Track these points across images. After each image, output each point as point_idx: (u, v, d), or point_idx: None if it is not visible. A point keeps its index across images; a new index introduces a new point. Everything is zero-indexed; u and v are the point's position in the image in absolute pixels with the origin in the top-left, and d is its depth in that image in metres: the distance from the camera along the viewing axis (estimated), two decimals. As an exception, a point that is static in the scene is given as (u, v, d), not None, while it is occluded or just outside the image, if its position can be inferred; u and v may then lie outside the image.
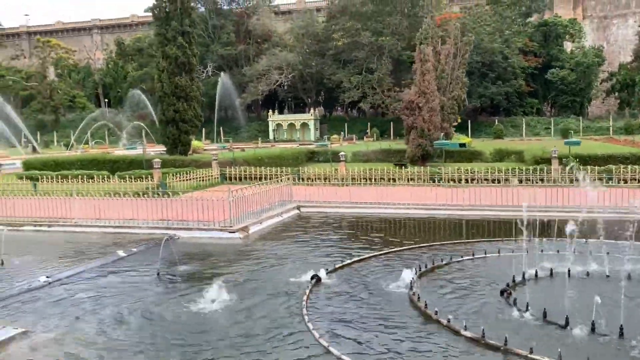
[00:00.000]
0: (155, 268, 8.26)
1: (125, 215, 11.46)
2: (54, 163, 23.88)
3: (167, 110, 26.56)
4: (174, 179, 16.18)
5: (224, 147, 32.77)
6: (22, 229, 11.42)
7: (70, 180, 17.60)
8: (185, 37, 26.74)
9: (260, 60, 69.44)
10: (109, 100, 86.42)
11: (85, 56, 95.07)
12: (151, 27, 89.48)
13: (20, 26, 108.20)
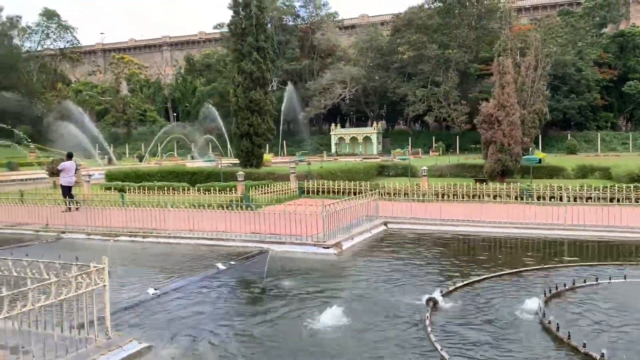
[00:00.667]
0: (257, 282, 8.16)
1: (216, 228, 11.51)
2: (134, 174, 24.68)
3: (241, 123, 26.99)
4: (256, 192, 16.26)
5: (301, 160, 33.00)
6: (118, 239, 11.68)
7: (152, 191, 18.08)
8: (260, 52, 27.17)
9: (324, 74, 70.00)
10: (177, 114, 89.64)
11: (156, 72, 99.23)
12: (219, 43, 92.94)
13: (96, 44, 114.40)
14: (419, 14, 65.38)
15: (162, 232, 11.71)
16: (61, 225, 12.86)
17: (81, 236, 12.15)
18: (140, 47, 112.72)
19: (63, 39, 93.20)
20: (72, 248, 10.93)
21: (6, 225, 13.40)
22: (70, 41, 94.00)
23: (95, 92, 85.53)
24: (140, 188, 20.08)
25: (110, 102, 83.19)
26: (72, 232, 12.41)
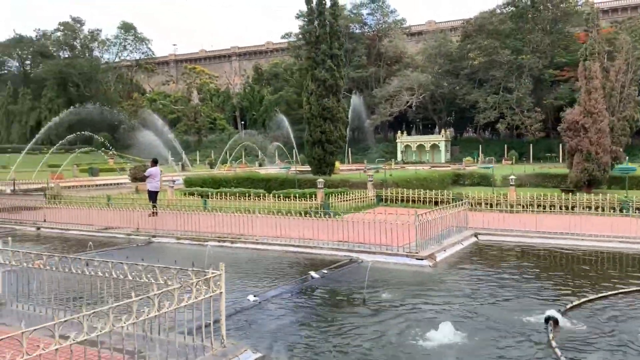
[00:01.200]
0: (355, 293, 7.95)
1: (302, 235, 11.41)
2: (212, 180, 25.23)
3: (314, 131, 27.04)
4: (335, 200, 16.12)
5: (378, 168, 32.65)
6: (206, 245, 11.82)
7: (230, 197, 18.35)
8: (334, 60, 27.17)
9: (391, 81, 69.40)
10: (244, 122, 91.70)
11: (225, 81, 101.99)
12: (285, 53, 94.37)
13: (169, 55, 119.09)
14: (491, 19, 63.62)
15: (249, 237, 11.75)
16: (151, 230, 13.20)
17: (171, 240, 12.40)
18: (210, 57, 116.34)
19: (139, 51, 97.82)
20: (166, 252, 11.15)
21: (98, 229, 13.91)
22: (145, 52, 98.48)
23: (168, 101, 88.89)
24: (218, 194, 20.49)
25: (182, 111, 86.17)
26: (162, 236, 12.70)
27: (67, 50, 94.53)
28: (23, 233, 14.29)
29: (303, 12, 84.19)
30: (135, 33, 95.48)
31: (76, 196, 19.87)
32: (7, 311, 6.67)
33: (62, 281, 6.53)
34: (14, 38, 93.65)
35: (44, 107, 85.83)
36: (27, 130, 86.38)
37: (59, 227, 14.42)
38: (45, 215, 15.01)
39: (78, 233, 13.83)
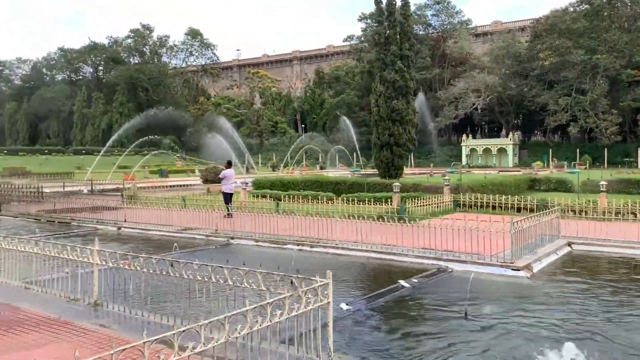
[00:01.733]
0: (453, 305, 7.46)
1: (384, 240, 11.00)
2: (280, 183, 25.24)
3: (382, 134, 26.55)
4: (412, 204, 15.59)
5: (453, 172, 31.87)
6: (285, 248, 11.63)
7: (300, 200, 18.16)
8: (404, 61, 26.58)
9: (456, 83, 67.74)
10: (305, 126, 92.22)
11: (286, 85, 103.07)
12: (347, 55, 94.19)
13: (233, 60, 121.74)
14: (563, 18, 60.82)
15: (328, 242, 11.46)
16: (229, 231, 13.18)
17: (250, 242, 12.30)
18: (272, 62, 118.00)
19: (204, 56, 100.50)
20: (246, 255, 11.02)
21: (177, 229, 14.04)
22: (211, 58, 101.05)
23: (232, 105, 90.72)
24: (287, 196, 20.39)
25: (245, 115, 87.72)
26: (241, 238, 12.63)
27: (137, 56, 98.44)
28: (104, 232, 14.64)
29: (366, 14, 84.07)
30: (201, 39, 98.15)
31: (152, 197, 20.33)
32: (104, 312, 6.65)
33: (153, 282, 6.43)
34: (88, 45, 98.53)
35: (115, 111, 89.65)
36: (99, 132, 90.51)
37: (139, 227, 14.68)
38: (125, 215, 15.34)
39: (158, 233, 14.01)
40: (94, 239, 7.33)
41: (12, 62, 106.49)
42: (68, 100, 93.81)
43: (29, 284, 7.81)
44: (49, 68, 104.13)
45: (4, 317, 6.43)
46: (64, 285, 7.36)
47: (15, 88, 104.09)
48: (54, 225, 16.24)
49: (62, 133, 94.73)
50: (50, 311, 6.65)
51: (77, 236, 13.64)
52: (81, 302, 7.00)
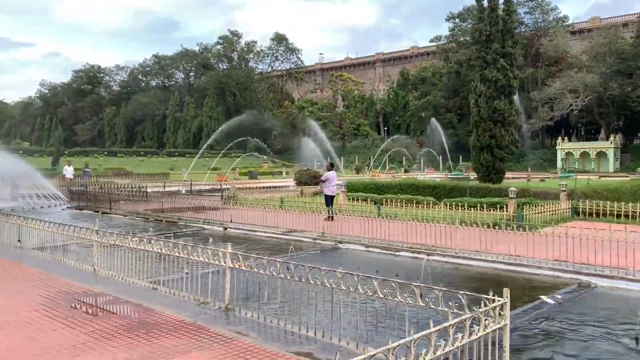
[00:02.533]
0: (614, 326, 6.55)
1: (506, 250, 10.12)
2: (374, 186, 24.71)
3: (482, 135, 25.25)
4: (529, 211, 14.48)
5: (568, 176, 30.00)
6: (398, 255, 11.04)
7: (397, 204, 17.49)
8: (507, 58, 25.17)
9: (552, 83, 64.04)
10: (387, 128, 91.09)
11: (369, 87, 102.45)
12: (433, 57, 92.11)
13: (316, 64, 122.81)
14: (676, 10, 55.74)
15: (447, 250, 10.74)
16: (336, 235, 12.79)
17: (359, 247, 11.83)
18: (354, 64, 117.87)
19: (289, 61, 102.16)
20: (360, 260, 10.55)
21: (283, 231, 13.86)
22: (295, 62, 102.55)
23: (315, 108, 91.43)
24: (384, 200, 19.77)
25: (328, 117, 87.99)
26: (349, 242, 12.19)
27: (226, 62, 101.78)
28: (211, 233, 14.75)
29: (454, 13, 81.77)
30: (286, 44, 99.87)
31: (250, 198, 20.47)
32: (237, 318, 6.38)
33: (287, 288, 6.09)
34: (180, 52, 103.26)
35: (205, 115, 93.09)
36: (190, 135, 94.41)
37: (244, 228, 14.66)
38: (231, 215, 15.40)
39: (264, 235, 13.90)
40: (204, 239, 7.18)
41: (111, 69, 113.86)
42: (162, 104, 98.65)
43: (155, 285, 7.77)
44: (145, 74, 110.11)
45: (140, 318, 6.33)
46: (189, 286, 7.23)
47: (114, 93, 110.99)
48: (161, 224, 16.64)
49: (156, 136, 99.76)
50: (183, 314, 6.49)
51: (186, 236, 13.81)
52: (211, 306, 6.80)
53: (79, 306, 6.91)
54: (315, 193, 25.49)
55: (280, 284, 6.10)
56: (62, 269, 9.27)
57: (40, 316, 6.38)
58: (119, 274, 8.42)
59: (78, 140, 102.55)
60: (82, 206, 21.48)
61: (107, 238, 8.68)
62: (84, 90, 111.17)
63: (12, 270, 9.10)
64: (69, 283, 8.18)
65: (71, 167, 31.68)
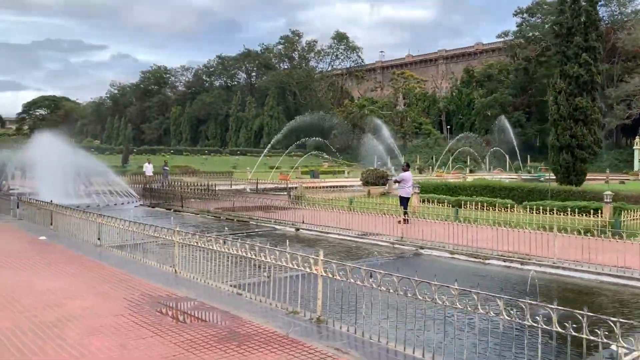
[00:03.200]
0: None
1: (617, 262, 9.14)
2: (445, 187, 23.77)
3: (561, 134, 23.77)
4: (627, 217, 13.26)
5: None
6: (488, 263, 10.26)
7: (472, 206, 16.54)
8: (590, 53, 23.56)
9: (630, 79, 60.30)
10: (450, 127, 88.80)
11: (431, 85, 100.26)
12: (498, 53, 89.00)
13: (376, 62, 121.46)
14: None
15: (543, 259, 9.86)
16: (416, 239, 12.12)
17: (443, 254, 11.12)
18: (416, 62, 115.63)
19: (349, 59, 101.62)
20: (446, 269, 9.88)
21: (358, 234, 13.34)
22: (356, 60, 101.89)
23: (375, 107, 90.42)
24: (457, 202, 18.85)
25: (389, 116, 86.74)
26: (431, 248, 11.50)
27: (287, 61, 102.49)
28: (283, 233, 14.43)
29: (522, 8, 78.54)
30: (347, 42, 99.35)
31: (318, 198, 20.07)
32: (331, 332, 5.89)
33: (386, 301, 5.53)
34: (242, 53, 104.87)
35: (266, 114, 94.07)
36: (251, 135, 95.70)
37: (317, 229, 14.24)
38: (303, 216, 15.01)
39: (338, 237, 13.43)
40: (278, 240, 6.74)
41: (177, 70, 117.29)
42: (224, 104, 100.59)
43: (239, 289, 7.42)
44: (208, 75, 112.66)
45: (229, 327, 5.96)
46: (275, 292, 6.81)
47: (180, 93, 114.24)
48: (233, 223, 16.50)
49: (219, 135, 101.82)
50: (273, 324, 6.07)
51: (259, 236, 13.54)
52: (301, 316, 6.35)
53: (165, 311, 6.65)
54: (383, 194, 24.84)
55: (374, 295, 5.56)
56: (142, 269, 9.13)
57: (128, 322, 6.13)
58: (201, 276, 8.15)
59: (145, 138, 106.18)
60: (154, 204, 21.78)
61: (189, 239, 8.43)
62: (151, 90, 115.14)
63: (95, 270, 9.04)
64: (151, 285, 7.97)
65: (151, 165, 32.46)
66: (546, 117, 72.10)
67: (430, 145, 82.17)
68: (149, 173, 31.28)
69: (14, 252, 10.64)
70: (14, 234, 13.17)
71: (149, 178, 28.78)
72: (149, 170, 31.70)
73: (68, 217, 12.65)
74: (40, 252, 10.66)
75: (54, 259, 9.86)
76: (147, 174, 31.02)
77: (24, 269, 9.09)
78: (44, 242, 11.99)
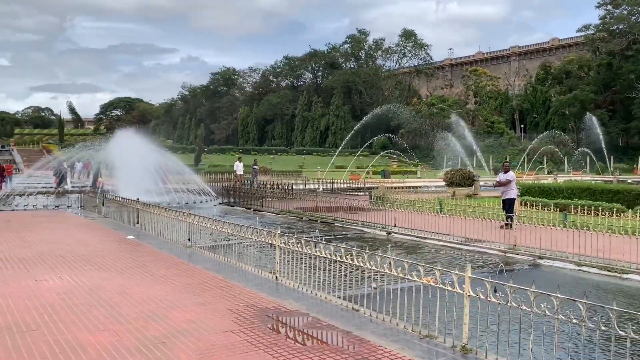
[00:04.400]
0: None
1: None
2: (538, 189, 21.99)
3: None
4: None
5: None
6: (627, 278, 8.83)
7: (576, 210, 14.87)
8: None
9: None
10: (524, 125, 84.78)
11: (503, 83, 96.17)
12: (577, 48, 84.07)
13: (445, 59, 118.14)
14: None
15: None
16: (531, 247, 10.78)
17: (567, 265, 9.76)
18: (486, 59, 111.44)
19: (417, 57, 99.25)
20: (584, 284, 8.54)
21: (461, 241, 12.13)
22: (424, 58, 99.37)
23: (445, 105, 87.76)
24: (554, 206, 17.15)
25: (460, 115, 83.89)
26: (552, 258, 10.15)
27: (353, 60, 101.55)
28: (373, 237, 13.44)
29: (606, 0, 73.49)
30: (415, 40, 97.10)
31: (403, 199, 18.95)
32: (485, 365, 4.83)
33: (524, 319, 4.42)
34: (309, 53, 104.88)
35: (332, 114, 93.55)
36: (317, 134, 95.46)
37: (412, 233, 13.13)
38: (395, 219, 13.93)
39: (437, 243, 12.28)
40: (370, 245, 5.70)
41: (244, 71, 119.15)
42: (290, 104, 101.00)
43: (354, 304, 6.50)
44: (275, 75, 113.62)
45: (360, 354, 5.03)
46: (396, 308, 5.83)
47: (248, 94, 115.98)
48: (316, 224, 15.71)
49: (285, 134, 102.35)
50: (409, 352, 5.07)
51: (348, 239, 12.63)
52: (440, 342, 5.33)
53: (278, 328, 5.82)
54: (469, 195, 23.35)
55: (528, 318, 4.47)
56: (239, 275, 8.41)
57: (241, 341, 5.33)
58: (306, 286, 7.30)
59: (214, 138, 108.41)
60: (233, 202, 21.40)
61: (292, 243, 7.61)
62: (220, 91, 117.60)
63: (190, 274, 8.41)
64: (253, 294, 7.20)
65: (241, 164, 32.43)
66: (632, 115, 67.42)
67: (503, 144, 78.77)
68: (240, 172, 31.46)
69: (107, 252, 10.25)
70: (101, 233, 12.93)
71: (240, 177, 28.91)
72: (239, 169, 31.86)
73: (156, 215, 12.22)
74: (131, 252, 10.21)
75: (146, 261, 9.34)
76: (237, 172, 31.28)
77: (118, 271, 8.60)
78: (133, 241, 11.61)
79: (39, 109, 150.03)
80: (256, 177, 32.13)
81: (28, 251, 10.17)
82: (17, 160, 55.75)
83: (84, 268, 8.73)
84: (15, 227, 13.41)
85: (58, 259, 9.45)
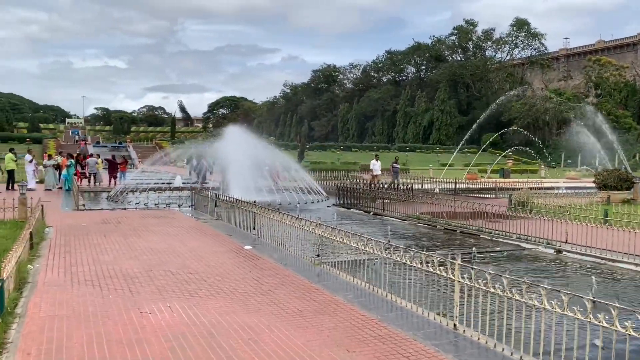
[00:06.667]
0: None
1: None
2: None
3: None
4: None
5: None
6: None
7: None
8: None
9: None
10: (657, 120, 75.65)
11: (630, 74, 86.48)
12: None
13: (560, 49, 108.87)
14: None
15: None
16: None
17: None
18: (608, 48, 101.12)
19: (530, 47, 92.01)
20: None
21: None
22: (537, 48, 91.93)
23: (563, 99, 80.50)
24: None
25: (578, 109, 76.45)
26: None
27: (460, 52, 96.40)
28: (536, 255, 10.76)
29: None
30: (528, 29, 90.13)
31: (550, 204, 15.92)
32: None
33: None
34: (412, 46, 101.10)
35: (437, 109, 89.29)
36: (420, 130, 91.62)
37: (592, 252, 10.26)
38: (567, 233, 11.08)
39: (635, 268, 9.38)
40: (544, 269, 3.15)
41: (345, 68, 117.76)
42: (392, 100, 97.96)
43: None
44: (377, 71, 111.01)
45: None
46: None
47: (348, 91, 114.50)
48: (455, 234, 13.24)
49: (385, 131, 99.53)
50: None
51: (509, 259, 10.08)
52: None
53: None
54: (626, 200, 19.60)
55: None
56: (396, 315, 6.25)
57: None
58: (501, 344, 4.99)
59: (315, 135, 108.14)
60: (348, 204, 19.41)
61: (478, 281, 5.32)
62: (320, 88, 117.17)
63: (330, 310, 6.38)
64: (429, 353, 5.00)
65: (379, 162, 28.75)
66: None
67: (630, 142, 70.61)
68: (377, 171, 28.00)
69: (223, 269, 8.54)
70: (215, 240, 11.38)
71: (377, 177, 25.82)
72: (376, 168, 28.23)
73: (276, 222, 10.40)
74: (252, 270, 8.44)
75: (271, 286, 7.46)
76: (374, 172, 27.83)
77: (241, 300, 6.76)
78: (250, 252, 9.90)
79: (153, 108, 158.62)
80: (397, 177, 28.56)
81: (135, 264, 8.74)
82: (133, 156, 58.11)
83: (197, 293, 7.02)
84: (124, 230, 12.30)
85: (168, 277, 7.88)
